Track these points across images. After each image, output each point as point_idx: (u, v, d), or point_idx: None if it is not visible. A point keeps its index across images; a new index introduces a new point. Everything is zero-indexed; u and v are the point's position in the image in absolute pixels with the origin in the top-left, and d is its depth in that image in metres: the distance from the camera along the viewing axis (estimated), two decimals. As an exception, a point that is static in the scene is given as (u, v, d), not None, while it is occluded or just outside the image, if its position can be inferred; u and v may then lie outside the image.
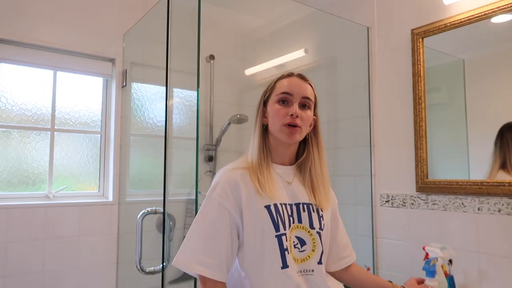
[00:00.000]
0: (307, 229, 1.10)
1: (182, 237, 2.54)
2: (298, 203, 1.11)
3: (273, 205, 1.06)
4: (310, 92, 1.13)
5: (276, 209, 1.06)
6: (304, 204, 1.12)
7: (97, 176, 2.48)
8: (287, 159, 1.17)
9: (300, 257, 1.08)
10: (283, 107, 1.10)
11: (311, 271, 1.08)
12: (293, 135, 1.09)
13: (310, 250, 1.09)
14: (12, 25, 2.14)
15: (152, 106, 2.61)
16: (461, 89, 1.74)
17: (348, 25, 2.22)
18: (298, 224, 1.09)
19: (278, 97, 1.11)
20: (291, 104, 1.10)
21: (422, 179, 1.84)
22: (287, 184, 1.13)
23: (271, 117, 1.12)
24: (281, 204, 1.08)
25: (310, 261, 1.09)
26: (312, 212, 1.12)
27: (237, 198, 1.05)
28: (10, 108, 2.21)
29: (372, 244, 2.07)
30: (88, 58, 2.42)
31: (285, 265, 1.04)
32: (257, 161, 1.10)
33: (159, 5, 1.99)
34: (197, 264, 0.98)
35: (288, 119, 1.08)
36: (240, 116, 2.59)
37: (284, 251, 1.04)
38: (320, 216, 1.13)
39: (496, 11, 1.61)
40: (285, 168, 1.15)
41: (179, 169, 2.57)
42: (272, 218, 1.04)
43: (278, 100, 1.11)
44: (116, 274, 2.40)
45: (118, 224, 2.42)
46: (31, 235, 2.12)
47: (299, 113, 1.08)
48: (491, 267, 1.59)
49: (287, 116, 1.08)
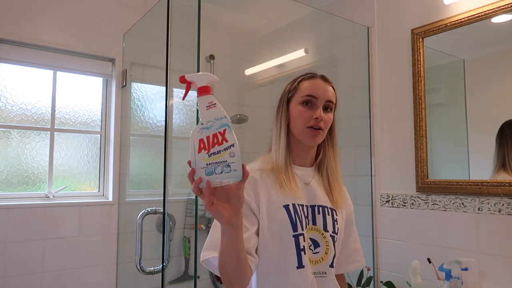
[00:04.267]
0: (321, 232, 1.09)
1: (182, 237, 2.54)
2: (314, 205, 1.11)
3: (291, 205, 1.06)
4: (332, 95, 1.13)
5: (294, 209, 1.06)
6: (319, 207, 1.11)
7: (97, 176, 2.48)
8: (307, 160, 1.17)
9: (314, 258, 1.08)
10: (307, 109, 1.10)
11: (324, 274, 1.08)
12: (316, 138, 1.09)
13: (323, 252, 1.09)
14: (12, 25, 2.14)
15: (152, 106, 2.61)
16: (461, 89, 1.74)
17: (348, 25, 2.22)
18: (313, 226, 1.09)
19: (302, 99, 1.11)
20: (315, 106, 1.10)
21: (422, 179, 1.84)
22: (305, 185, 1.13)
23: (294, 118, 1.12)
24: (299, 204, 1.08)
25: (324, 264, 1.08)
26: (327, 215, 1.11)
27: (256, 194, 1.06)
28: (10, 108, 2.21)
29: (372, 244, 2.06)
30: (88, 58, 2.42)
31: (300, 265, 1.03)
32: (282, 161, 1.10)
33: (159, 5, 1.99)
34: (207, 252, 0.98)
35: (312, 122, 1.08)
36: (240, 116, 2.59)
37: (300, 251, 1.04)
38: (335, 220, 1.12)
39: (496, 11, 1.61)
40: (305, 170, 1.15)
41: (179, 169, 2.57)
42: (291, 217, 1.05)
43: (302, 102, 1.11)
44: (116, 274, 2.40)
45: (118, 224, 2.41)
46: (31, 235, 2.12)
47: (322, 115, 1.09)
48: (491, 267, 1.59)
49: (312, 119, 1.08)
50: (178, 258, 2.53)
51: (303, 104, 1.11)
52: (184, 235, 2.54)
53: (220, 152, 0.77)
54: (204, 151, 0.77)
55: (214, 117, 0.78)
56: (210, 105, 0.79)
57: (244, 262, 0.92)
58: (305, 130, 1.09)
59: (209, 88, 0.81)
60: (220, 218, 0.83)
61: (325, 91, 1.11)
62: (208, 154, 0.77)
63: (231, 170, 0.77)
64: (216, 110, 0.79)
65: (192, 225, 2.53)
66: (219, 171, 0.76)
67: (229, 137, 0.77)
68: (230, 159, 0.76)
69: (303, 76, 1.16)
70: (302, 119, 1.10)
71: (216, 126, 0.78)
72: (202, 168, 0.77)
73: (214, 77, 0.82)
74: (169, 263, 2.14)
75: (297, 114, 1.11)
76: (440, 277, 1.64)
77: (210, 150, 0.77)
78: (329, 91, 1.12)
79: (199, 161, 0.78)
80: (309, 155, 1.16)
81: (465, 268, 1.55)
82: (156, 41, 2.36)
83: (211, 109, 0.79)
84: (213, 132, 0.78)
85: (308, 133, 1.09)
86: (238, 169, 0.77)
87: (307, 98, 1.10)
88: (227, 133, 0.77)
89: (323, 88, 1.12)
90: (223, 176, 0.77)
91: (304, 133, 1.10)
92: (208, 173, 0.77)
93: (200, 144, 0.78)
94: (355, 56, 2.24)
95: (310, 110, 1.10)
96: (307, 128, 1.09)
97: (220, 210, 0.81)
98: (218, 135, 0.77)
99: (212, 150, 0.77)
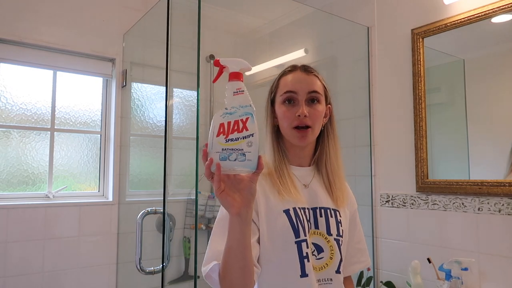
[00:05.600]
0: (324, 235, 1.02)
1: (182, 237, 2.54)
2: (315, 208, 1.04)
3: (292, 209, 0.99)
4: (317, 85, 1.04)
5: (295, 213, 0.99)
6: (321, 209, 1.04)
7: (97, 176, 2.48)
8: (305, 160, 1.09)
9: (318, 264, 1.00)
10: (290, 108, 1.02)
11: (330, 280, 1.01)
12: (304, 139, 1.01)
13: (327, 258, 1.01)
14: (12, 25, 2.14)
15: (152, 106, 2.61)
16: (461, 89, 1.74)
17: (348, 25, 2.22)
18: (315, 230, 1.02)
19: (282, 97, 1.03)
20: (297, 103, 1.02)
21: (422, 179, 1.84)
22: (305, 187, 1.06)
23: (280, 119, 1.05)
24: (299, 208, 1.00)
25: (328, 270, 1.01)
26: (330, 217, 1.04)
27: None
28: (10, 108, 2.21)
29: (372, 244, 2.07)
30: (88, 58, 2.42)
31: (304, 274, 0.96)
32: (273, 164, 1.04)
33: (159, 5, 1.99)
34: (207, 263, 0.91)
35: (296, 121, 1.00)
36: (240, 116, 2.58)
37: (303, 258, 0.97)
38: (338, 221, 1.05)
39: (496, 11, 1.61)
40: (303, 170, 1.08)
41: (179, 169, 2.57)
42: (292, 223, 0.97)
43: (283, 101, 1.03)
44: (116, 274, 2.40)
45: (118, 224, 2.41)
46: (31, 235, 2.12)
47: (307, 112, 1.00)
48: (491, 267, 1.59)
49: (295, 118, 1.00)
50: (178, 258, 2.54)
51: (285, 102, 1.03)
52: (184, 235, 2.54)
53: (238, 140, 0.75)
54: (223, 136, 0.75)
55: (240, 104, 0.77)
56: (238, 92, 0.78)
57: (249, 266, 0.85)
58: (291, 131, 1.01)
59: (241, 74, 0.80)
60: (229, 208, 0.79)
61: (307, 83, 1.03)
62: (225, 139, 0.75)
63: (246, 160, 0.75)
64: (243, 97, 0.78)
65: (192, 225, 2.53)
66: (233, 158, 0.75)
67: (250, 126, 0.76)
68: (247, 148, 0.75)
69: (283, 71, 1.08)
70: (286, 119, 1.02)
71: (239, 113, 0.76)
72: (217, 152, 0.76)
73: (247, 64, 0.80)
74: (169, 263, 2.14)
75: (281, 115, 1.04)
76: (440, 277, 1.64)
77: (228, 135, 0.75)
78: (310, 81, 1.03)
79: (216, 145, 0.76)
80: (306, 154, 1.09)
81: (465, 268, 1.55)
82: (156, 41, 2.36)
83: (238, 96, 0.78)
84: (235, 118, 0.76)
85: (295, 135, 1.01)
86: (253, 160, 0.75)
87: (287, 95, 1.03)
88: (249, 122, 0.76)
89: (303, 80, 1.03)
90: (237, 163, 0.75)
91: (291, 135, 1.02)
92: (222, 158, 0.75)
93: (220, 128, 0.76)
94: (355, 56, 2.24)
95: (293, 107, 1.01)
96: (293, 129, 1.01)
97: (230, 199, 0.78)
98: (240, 122, 0.76)
99: (231, 136, 0.75)
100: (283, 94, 1.03)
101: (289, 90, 1.02)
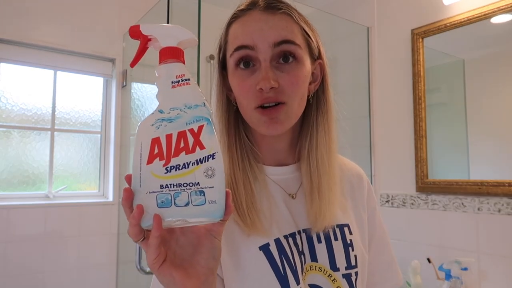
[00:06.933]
0: (327, 272, 0.65)
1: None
2: (309, 229, 0.67)
3: (273, 242, 0.63)
4: (289, 29, 0.63)
5: (279, 248, 0.63)
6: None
7: (97, 176, 2.48)
8: (285, 154, 0.71)
9: None
10: (247, 75, 0.62)
11: None
12: (274, 124, 0.62)
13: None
14: (12, 25, 2.14)
15: (152, 106, 2.59)
16: (461, 89, 1.75)
17: (348, 25, 2.22)
18: (312, 264, 0.65)
19: (234, 59, 0.64)
20: (259, 65, 0.62)
21: (422, 179, 1.84)
22: (290, 198, 0.69)
23: (236, 96, 0.66)
24: (285, 237, 0.64)
25: None
26: (334, 241, 0.67)
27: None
28: (10, 108, 2.21)
29: (372, 244, 2.07)
30: (88, 58, 2.42)
31: None
32: (232, 170, 0.65)
33: (159, 5, 1.99)
34: None
35: (259, 98, 0.61)
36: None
37: None
38: (348, 244, 0.68)
39: (496, 11, 1.61)
40: (286, 170, 0.70)
41: (179, 169, 2.56)
42: (275, 266, 0.62)
43: (235, 64, 0.64)
44: (116, 274, 2.40)
45: (118, 224, 2.42)
46: (31, 235, 2.12)
47: (274, 80, 0.60)
48: (491, 267, 1.59)
49: (257, 92, 0.61)
50: (178, 258, 2.53)
51: (238, 67, 0.64)
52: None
53: (188, 167, 0.45)
54: (160, 162, 0.45)
55: (184, 102, 0.47)
56: (179, 81, 0.47)
57: None
58: (253, 113, 0.63)
59: (180, 51, 0.48)
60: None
61: (268, 29, 0.61)
62: (166, 168, 0.45)
63: (206, 202, 0.45)
64: (189, 91, 0.47)
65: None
66: (183, 202, 0.44)
67: (207, 141, 0.46)
68: (205, 180, 0.44)
69: (234, 12, 0.69)
70: (243, 95, 0.63)
71: (185, 119, 0.46)
72: (151, 192, 0.45)
73: (190, 34, 0.49)
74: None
75: (235, 88, 0.65)
76: (440, 277, 1.64)
77: (170, 160, 0.45)
78: (276, 25, 0.62)
79: (148, 179, 0.45)
80: (285, 145, 0.70)
81: (465, 268, 1.55)
82: (156, 41, 2.36)
83: (179, 88, 0.47)
84: (180, 129, 0.46)
85: (259, 119, 0.62)
86: (218, 200, 0.45)
87: (239, 54, 0.63)
88: (204, 134, 0.46)
89: (264, 24, 0.62)
90: (191, 210, 0.44)
91: (254, 119, 0.63)
92: (162, 203, 0.45)
93: (152, 147, 0.45)
94: (355, 56, 2.24)
95: (253, 75, 0.62)
96: (256, 111, 0.62)
97: (176, 276, 0.46)
98: (188, 135, 0.45)
99: (175, 160, 0.45)
100: (233, 52, 0.64)
101: (241, 45, 0.62)
